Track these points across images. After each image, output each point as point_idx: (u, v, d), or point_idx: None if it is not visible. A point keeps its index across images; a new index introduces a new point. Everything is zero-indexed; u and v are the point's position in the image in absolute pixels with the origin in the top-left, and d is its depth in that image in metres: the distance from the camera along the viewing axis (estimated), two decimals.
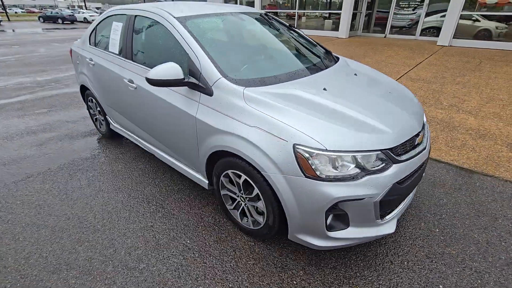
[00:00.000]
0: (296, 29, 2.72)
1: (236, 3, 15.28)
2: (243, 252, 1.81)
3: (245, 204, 1.84)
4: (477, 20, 8.41)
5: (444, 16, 9.32)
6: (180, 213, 2.16)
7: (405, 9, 10.37)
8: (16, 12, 53.59)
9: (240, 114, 1.60)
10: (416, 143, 1.65)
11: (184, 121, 1.91)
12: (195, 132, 1.86)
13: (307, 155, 1.39)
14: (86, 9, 43.71)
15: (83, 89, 3.34)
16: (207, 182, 2.06)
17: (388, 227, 1.60)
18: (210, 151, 1.80)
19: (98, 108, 3.18)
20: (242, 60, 2.03)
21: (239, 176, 1.76)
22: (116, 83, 2.54)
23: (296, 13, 13.14)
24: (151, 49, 2.19)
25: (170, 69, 1.75)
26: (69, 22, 27.50)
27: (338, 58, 2.49)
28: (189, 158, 2.08)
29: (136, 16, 2.34)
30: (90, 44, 2.99)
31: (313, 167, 1.38)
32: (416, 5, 10.09)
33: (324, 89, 1.77)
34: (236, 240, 1.91)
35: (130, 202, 2.29)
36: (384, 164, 1.46)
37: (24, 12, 61.90)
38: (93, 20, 31.69)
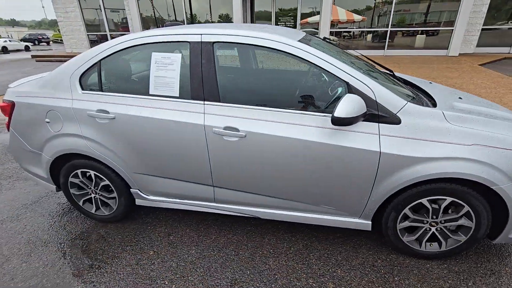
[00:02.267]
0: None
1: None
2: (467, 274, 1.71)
3: (436, 228, 1.74)
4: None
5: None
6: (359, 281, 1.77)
7: None
8: None
9: (447, 135, 1.51)
10: None
11: (356, 161, 1.59)
12: (375, 170, 1.59)
13: None
14: None
15: (61, 160, 2.10)
16: (371, 223, 1.80)
17: None
18: (400, 186, 1.59)
19: (105, 183, 2.08)
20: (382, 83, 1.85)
21: (435, 202, 1.66)
22: (181, 137, 1.77)
23: None
24: (265, 83, 1.69)
25: (358, 103, 1.45)
26: None
27: None
28: (347, 203, 1.74)
29: (215, 43, 1.72)
30: (85, 89, 1.92)
31: None
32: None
33: (460, 98, 1.93)
34: (433, 270, 1.76)
35: None
36: None
37: None
38: None
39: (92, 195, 2.21)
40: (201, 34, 1.74)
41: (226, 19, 13.37)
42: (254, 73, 1.73)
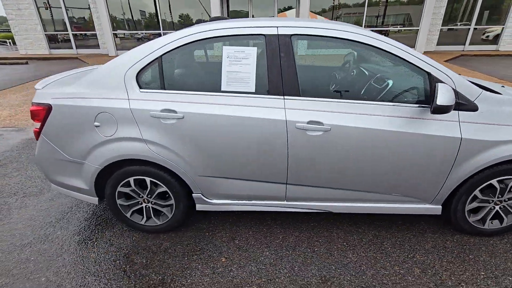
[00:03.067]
0: None
1: None
2: None
3: (500, 206, 1.88)
4: None
5: None
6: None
7: None
8: None
9: None
10: None
11: (437, 148, 1.66)
12: (455, 155, 1.68)
13: None
14: None
15: (108, 168, 1.89)
16: (441, 207, 1.89)
17: None
18: (477, 169, 1.70)
19: (162, 189, 1.91)
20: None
21: (502, 182, 1.79)
22: (258, 134, 1.70)
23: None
24: (342, 76, 1.68)
25: (451, 92, 1.51)
26: None
27: None
28: (421, 189, 1.81)
29: (292, 35, 1.67)
30: (144, 87, 1.75)
31: None
32: None
33: (502, 86, 2.11)
34: (497, 245, 1.90)
35: None
36: None
37: None
38: None
39: (144, 205, 2.02)
40: (277, 27, 1.68)
41: (186, 19, 12.68)
42: (329, 67, 1.71)
